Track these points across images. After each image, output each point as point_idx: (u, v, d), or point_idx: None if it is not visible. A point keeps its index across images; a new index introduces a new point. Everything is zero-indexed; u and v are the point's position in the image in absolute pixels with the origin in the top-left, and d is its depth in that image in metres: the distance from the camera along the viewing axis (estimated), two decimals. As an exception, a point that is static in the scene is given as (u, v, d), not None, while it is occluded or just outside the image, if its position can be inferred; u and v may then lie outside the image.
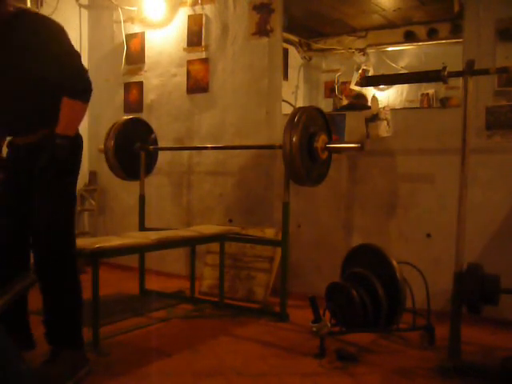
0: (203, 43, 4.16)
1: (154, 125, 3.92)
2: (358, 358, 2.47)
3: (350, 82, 5.26)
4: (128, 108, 4.58)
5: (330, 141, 3.14)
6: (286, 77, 4.79)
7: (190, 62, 4.24)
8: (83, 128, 4.83)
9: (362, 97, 4.93)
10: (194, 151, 4.22)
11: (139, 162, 3.64)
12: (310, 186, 3.29)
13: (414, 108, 4.79)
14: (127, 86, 4.61)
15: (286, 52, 4.74)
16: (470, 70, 2.36)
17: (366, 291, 2.63)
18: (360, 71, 5.17)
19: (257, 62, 3.91)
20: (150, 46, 4.49)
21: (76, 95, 2.12)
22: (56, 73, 2.10)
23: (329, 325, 2.49)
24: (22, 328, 2.37)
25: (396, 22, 4.86)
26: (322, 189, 3.46)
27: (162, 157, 4.01)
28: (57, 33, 2.15)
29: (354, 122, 3.50)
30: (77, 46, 4.59)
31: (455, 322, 2.34)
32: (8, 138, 2.35)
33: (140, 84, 4.54)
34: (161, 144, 3.94)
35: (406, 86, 5.20)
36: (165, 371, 2.31)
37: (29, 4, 4.29)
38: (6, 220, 2.26)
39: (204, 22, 4.15)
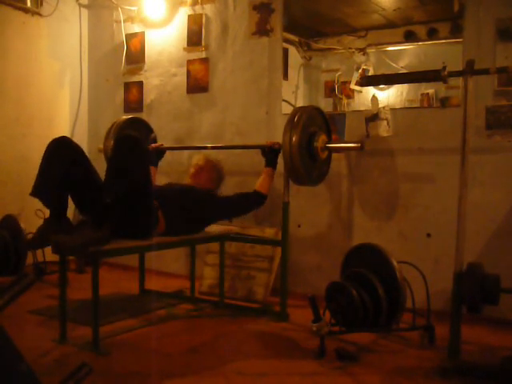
0: (203, 43, 4.16)
1: (153, 124, 3.92)
2: (358, 357, 2.47)
3: (350, 82, 5.26)
4: (128, 108, 4.58)
5: (330, 140, 3.15)
6: (285, 76, 4.79)
7: (189, 62, 4.24)
8: (83, 128, 4.87)
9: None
10: (194, 151, 4.20)
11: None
12: (309, 186, 3.29)
13: (414, 108, 4.79)
14: (127, 86, 4.61)
15: (285, 52, 4.73)
16: (470, 70, 2.37)
17: (366, 291, 2.62)
18: (360, 71, 5.16)
19: (257, 62, 3.91)
20: (150, 45, 4.49)
21: None
22: None
23: (329, 324, 2.49)
24: None
25: (396, 21, 4.85)
26: (322, 189, 3.46)
27: (162, 156, 4.00)
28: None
29: (353, 121, 3.50)
30: (77, 46, 4.71)
31: (455, 322, 2.34)
32: None
33: (140, 84, 4.54)
34: (161, 144, 3.93)
35: (406, 85, 5.20)
36: (165, 371, 2.31)
37: (29, 4, 4.30)
38: None
39: (204, 21, 4.15)
